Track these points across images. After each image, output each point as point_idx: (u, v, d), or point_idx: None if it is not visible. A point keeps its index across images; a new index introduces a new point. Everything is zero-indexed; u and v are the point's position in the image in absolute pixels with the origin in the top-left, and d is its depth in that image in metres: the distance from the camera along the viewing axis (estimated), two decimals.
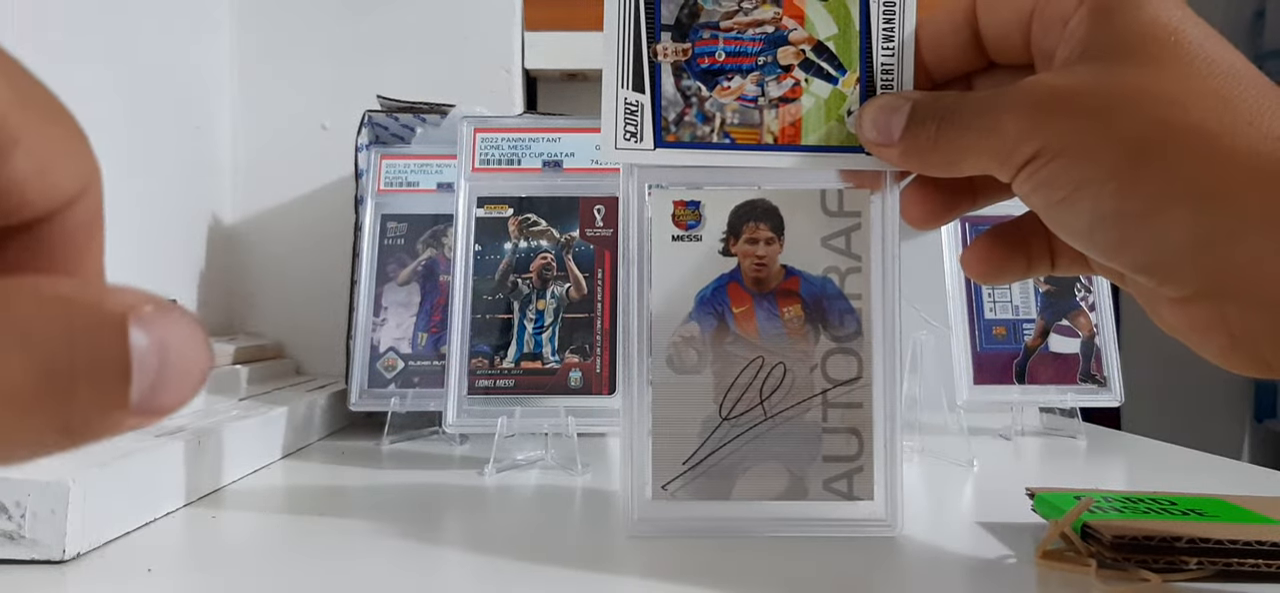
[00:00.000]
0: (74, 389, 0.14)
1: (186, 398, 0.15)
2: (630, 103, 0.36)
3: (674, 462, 0.36)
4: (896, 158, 0.34)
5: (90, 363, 0.14)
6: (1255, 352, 0.29)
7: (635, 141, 0.36)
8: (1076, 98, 0.29)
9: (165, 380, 0.15)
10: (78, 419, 0.14)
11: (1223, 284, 0.28)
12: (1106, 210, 0.29)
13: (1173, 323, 0.31)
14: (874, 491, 0.37)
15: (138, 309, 0.14)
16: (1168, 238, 0.28)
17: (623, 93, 0.36)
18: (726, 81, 0.36)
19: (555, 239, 0.59)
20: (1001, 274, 0.36)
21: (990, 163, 0.31)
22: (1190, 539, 0.33)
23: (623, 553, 0.36)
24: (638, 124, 0.36)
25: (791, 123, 0.36)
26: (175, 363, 0.15)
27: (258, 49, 0.82)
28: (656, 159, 0.36)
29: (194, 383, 0.15)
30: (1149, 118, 0.28)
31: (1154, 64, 0.28)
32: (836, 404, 0.37)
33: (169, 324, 0.15)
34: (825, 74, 0.36)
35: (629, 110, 0.36)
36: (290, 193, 0.82)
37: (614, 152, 0.36)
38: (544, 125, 0.61)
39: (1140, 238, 0.29)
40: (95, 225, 0.17)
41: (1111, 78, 0.29)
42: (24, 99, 0.15)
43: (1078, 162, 0.29)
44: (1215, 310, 0.29)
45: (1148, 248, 0.29)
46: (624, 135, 0.36)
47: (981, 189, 0.36)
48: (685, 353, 0.37)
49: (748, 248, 0.37)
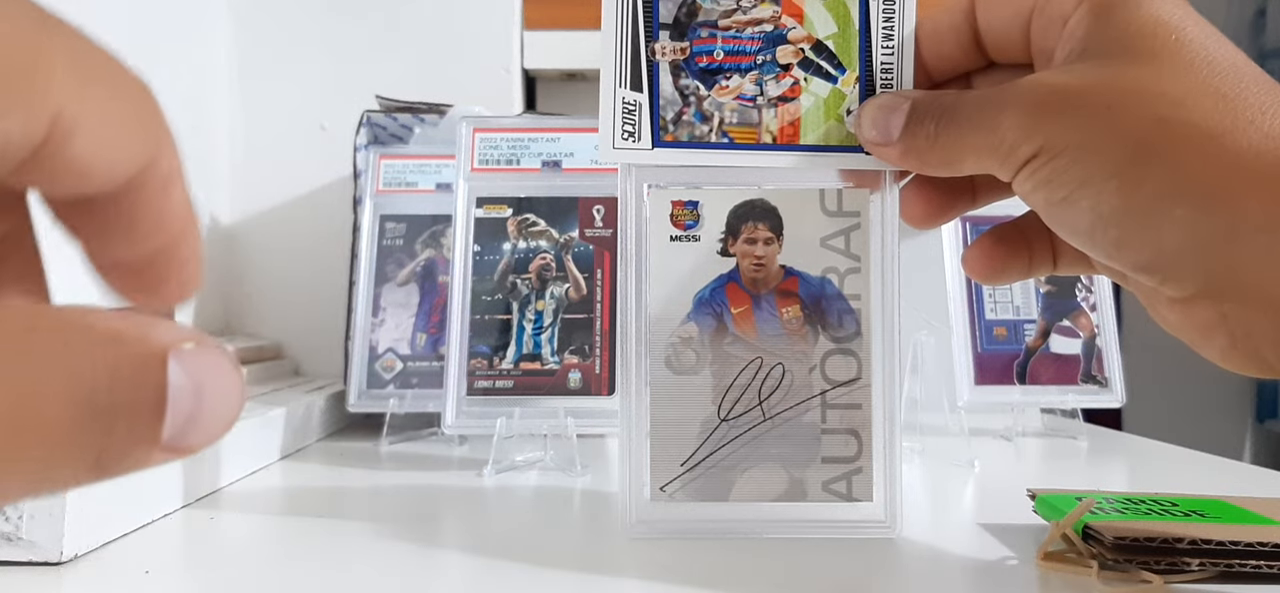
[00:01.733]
0: (113, 425, 0.14)
1: (217, 437, 0.16)
2: (628, 102, 0.35)
3: (672, 463, 0.36)
4: (896, 157, 0.34)
5: (130, 400, 0.14)
6: (1255, 352, 0.29)
7: (633, 141, 0.36)
8: (1077, 96, 0.29)
9: (198, 420, 0.15)
10: (111, 454, 0.14)
11: (1224, 284, 0.28)
12: (1108, 209, 0.29)
13: (1173, 322, 0.31)
14: (873, 492, 0.37)
15: (178, 346, 0.15)
16: (1169, 237, 0.28)
17: (620, 92, 0.35)
18: (725, 80, 0.36)
19: (554, 239, 0.58)
20: (1003, 274, 0.36)
21: (990, 161, 0.31)
22: (1192, 541, 0.33)
23: (621, 555, 0.35)
24: (635, 123, 0.35)
25: (790, 122, 0.36)
26: (209, 403, 0.15)
27: (256, 49, 0.82)
28: (654, 159, 0.36)
29: (226, 423, 0.16)
30: (1150, 116, 0.28)
31: (1155, 62, 0.28)
32: (835, 405, 0.37)
33: (207, 364, 0.15)
34: (824, 73, 0.36)
35: (626, 110, 0.35)
36: (288, 193, 0.82)
37: (612, 151, 0.36)
38: (543, 125, 0.61)
39: (1141, 237, 0.29)
40: (171, 184, 0.18)
41: (1112, 76, 0.29)
42: (86, 78, 0.15)
43: (1079, 160, 0.29)
44: (1216, 310, 0.29)
45: (1149, 247, 0.29)
46: (622, 135, 0.35)
47: (981, 188, 0.36)
48: (683, 354, 0.37)
49: (746, 248, 0.37)
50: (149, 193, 0.17)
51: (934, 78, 0.36)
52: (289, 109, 0.82)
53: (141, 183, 0.17)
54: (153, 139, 0.17)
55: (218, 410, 0.15)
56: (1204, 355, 0.31)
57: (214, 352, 0.15)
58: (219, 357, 0.15)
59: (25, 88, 0.14)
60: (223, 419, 0.15)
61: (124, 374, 0.14)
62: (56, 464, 0.14)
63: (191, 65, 0.77)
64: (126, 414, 0.14)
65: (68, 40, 0.15)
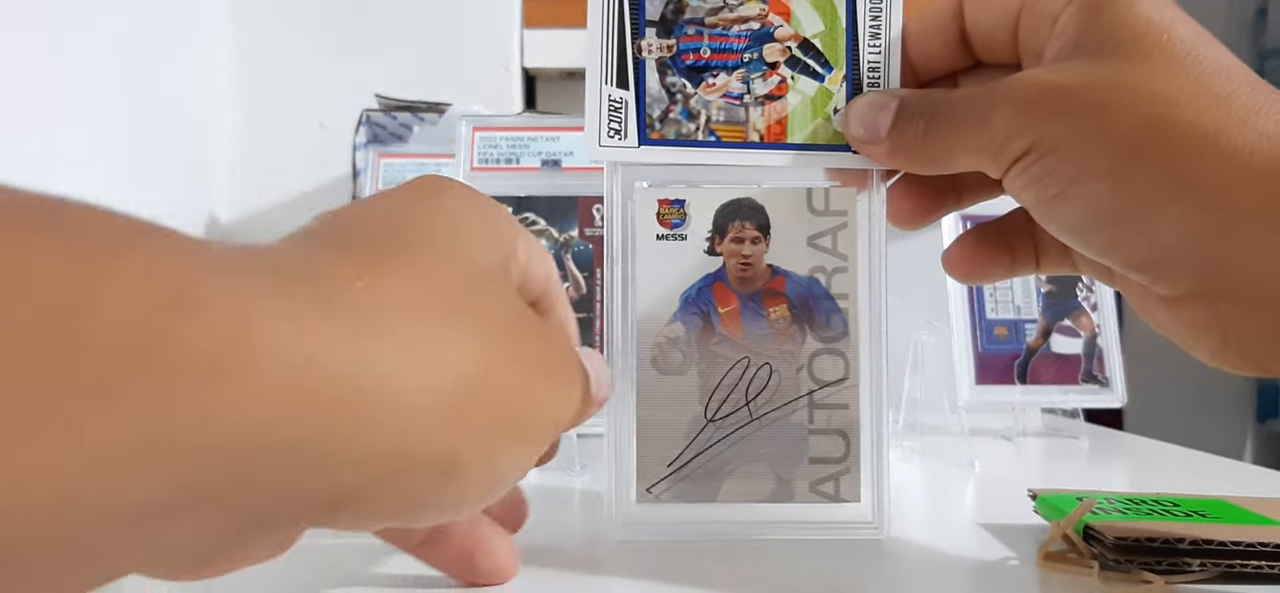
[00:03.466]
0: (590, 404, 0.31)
1: (608, 395, 0.33)
2: (614, 100, 0.35)
3: (659, 464, 0.36)
4: (883, 155, 0.34)
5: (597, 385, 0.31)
6: (1248, 351, 0.29)
7: (619, 139, 0.35)
8: (1070, 93, 0.29)
9: (600, 386, 0.31)
10: (584, 416, 0.30)
11: (1217, 282, 0.28)
12: (1101, 207, 0.29)
13: (1164, 321, 0.31)
14: (861, 493, 0.36)
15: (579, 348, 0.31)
16: (1162, 235, 0.28)
17: (606, 90, 0.35)
18: (712, 78, 0.35)
19: (554, 239, 0.58)
20: (984, 274, 0.36)
21: (980, 159, 0.31)
22: (1193, 541, 0.33)
23: (609, 556, 0.35)
24: (622, 121, 0.35)
25: (778, 120, 0.35)
26: (602, 374, 0.31)
27: (256, 48, 0.82)
28: (641, 157, 0.35)
29: (608, 387, 0.32)
30: (1144, 114, 0.28)
31: (1147, 61, 0.28)
32: (823, 406, 0.36)
33: (592, 356, 0.31)
34: (811, 71, 0.35)
35: (613, 107, 0.35)
36: (288, 192, 0.82)
37: (598, 149, 0.35)
38: (543, 124, 0.61)
39: (1134, 235, 0.28)
40: (557, 303, 0.31)
41: (1104, 74, 0.28)
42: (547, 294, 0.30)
43: (1071, 157, 0.28)
44: (1209, 309, 0.29)
45: (1142, 245, 0.29)
46: (608, 132, 0.35)
47: (967, 188, 0.35)
48: (670, 354, 0.36)
49: (733, 247, 0.37)
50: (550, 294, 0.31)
51: (920, 78, 0.35)
52: (289, 109, 0.82)
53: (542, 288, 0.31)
54: (548, 269, 0.31)
55: (606, 378, 0.32)
56: (1194, 355, 0.30)
57: (590, 351, 0.31)
58: (592, 352, 0.31)
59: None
60: (607, 384, 0.32)
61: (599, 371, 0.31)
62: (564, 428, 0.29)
63: (191, 65, 0.77)
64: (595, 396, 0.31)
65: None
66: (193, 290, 0.17)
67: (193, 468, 0.17)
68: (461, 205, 0.27)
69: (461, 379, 0.22)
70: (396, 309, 0.21)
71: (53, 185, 0.16)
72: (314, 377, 0.18)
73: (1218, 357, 0.30)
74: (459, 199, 0.27)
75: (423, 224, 0.25)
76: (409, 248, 0.23)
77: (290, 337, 0.18)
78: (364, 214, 0.25)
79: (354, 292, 0.20)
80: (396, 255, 0.23)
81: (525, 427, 0.26)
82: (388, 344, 0.20)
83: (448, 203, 0.26)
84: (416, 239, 0.24)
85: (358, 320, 0.20)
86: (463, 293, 0.24)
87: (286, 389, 0.18)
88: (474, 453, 0.23)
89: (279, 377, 0.18)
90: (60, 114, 0.63)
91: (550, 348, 0.27)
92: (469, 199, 0.27)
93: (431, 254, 0.24)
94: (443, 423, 0.22)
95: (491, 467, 0.24)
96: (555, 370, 0.27)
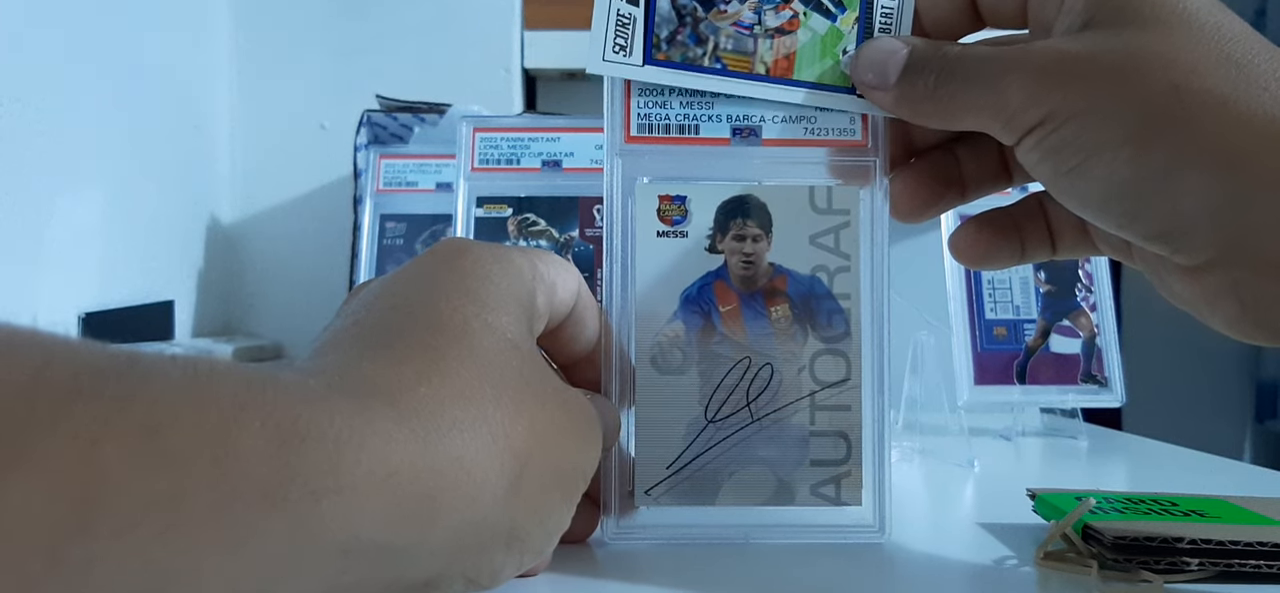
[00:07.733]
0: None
1: (618, 437, 0.35)
2: (623, 14, 0.35)
3: (658, 467, 0.36)
4: (890, 103, 0.33)
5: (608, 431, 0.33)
6: (1265, 319, 0.29)
7: (624, 55, 0.35)
8: (1087, 62, 0.29)
9: (610, 432, 0.33)
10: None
11: (1237, 250, 0.28)
12: (1121, 177, 0.28)
13: (1181, 293, 0.31)
14: (862, 496, 0.36)
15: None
16: (1183, 204, 0.28)
17: (616, 3, 0.35)
18: (723, 5, 0.35)
19: (554, 239, 0.58)
20: (992, 259, 0.35)
21: (990, 123, 0.30)
22: (1192, 540, 0.33)
23: (607, 561, 0.35)
24: (628, 37, 0.35)
25: (785, 56, 0.35)
26: (611, 419, 0.33)
27: (256, 49, 0.82)
28: (644, 75, 0.35)
29: (618, 430, 0.35)
30: (1163, 83, 0.27)
31: (1164, 29, 0.28)
32: (824, 407, 0.36)
33: (599, 401, 0.32)
34: (824, 10, 0.35)
35: (621, 22, 0.35)
36: (289, 193, 0.82)
37: (600, 63, 0.35)
38: (543, 125, 0.61)
39: (1155, 205, 0.28)
40: (588, 311, 0.34)
41: (1121, 43, 0.28)
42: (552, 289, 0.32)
43: (1089, 127, 0.28)
44: (1227, 278, 0.28)
45: (1163, 215, 0.28)
46: (613, 47, 0.35)
47: (971, 181, 0.35)
48: (670, 353, 0.36)
49: (735, 245, 0.37)
50: (581, 313, 0.34)
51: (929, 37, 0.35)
52: (289, 109, 0.82)
53: (575, 310, 0.33)
54: (575, 285, 0.33)
55: (616, 426, 0.35)
56: (1210, 325, 0.30)
57: (599, 397, 0.33)
58: (604, 399, 0.35)
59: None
60: (616, 430, 0.35)
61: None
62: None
63: (191, 65, 0.77)
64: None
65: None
66: (295, 424, 0.20)
67: (313, 577, 0.21)
68: (482, 267, 0.29)
69: (515, 456, 0.25)
70: (456, 403, 0.24)
71: (53, 185, 0.17)
72: (398, 489, 0.22)
73: (1235, 326, 0.29)
74: (478, 261, 0.29)
75: (455, 299, 0.27)
76: (448, 328, 0.26)
77: (375, 461, 0.21)
78: (399, 300, 0.27)
79: (418, 397, 0.23)
80: (441, 342, 0.26)
81: (566, 485, 0.29)
82: (455, 440, 0.23)
83: (467, 266, 0.29)
84: (455, 321, 0.26)
85: (427, 422, 0.23)
86: (503, 369, 0.26)
87: (377, 502, 0.21)
88: (530, 519, 0.26)
89: (370, 492, 0.21)
90: (60, 114, 0.63)
91: (572, 408, 0.29)
92: (487, 258, 0.29)
93: (469, 337, 0.26)
94: (505, 499, 0.25)
95: (545, 526, 0.28)
96: (581, 429, 0.29)
